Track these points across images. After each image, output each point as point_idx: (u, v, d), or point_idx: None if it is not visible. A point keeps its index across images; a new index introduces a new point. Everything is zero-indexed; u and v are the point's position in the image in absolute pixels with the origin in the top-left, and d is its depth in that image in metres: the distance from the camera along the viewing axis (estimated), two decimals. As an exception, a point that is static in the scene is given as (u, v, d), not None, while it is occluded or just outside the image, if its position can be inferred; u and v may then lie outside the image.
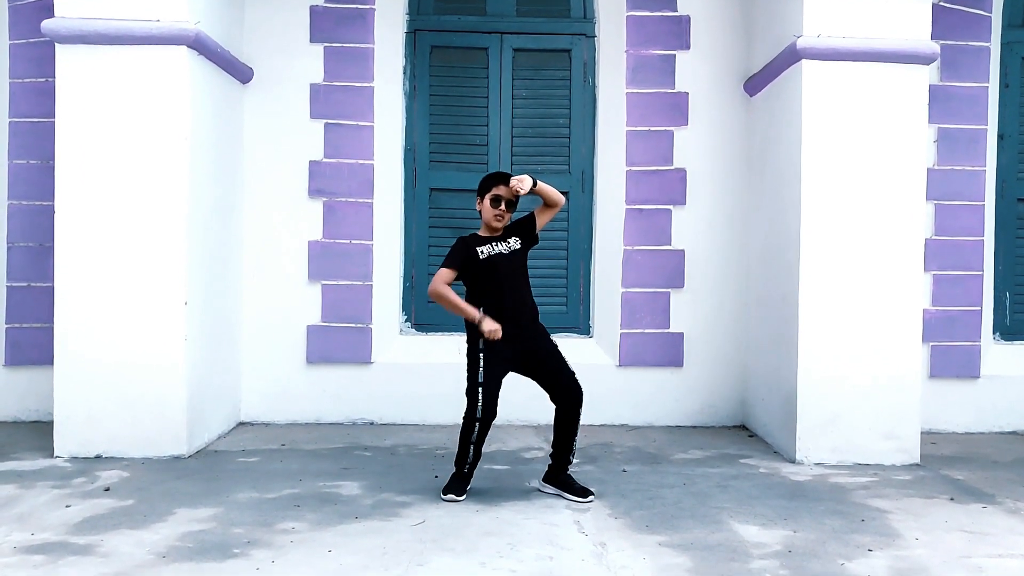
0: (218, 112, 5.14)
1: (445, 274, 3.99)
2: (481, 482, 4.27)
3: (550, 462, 4.14)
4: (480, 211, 4.10)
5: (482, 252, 4.00)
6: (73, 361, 4.63)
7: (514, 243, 4.07)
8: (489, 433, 3.97)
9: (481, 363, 3.96)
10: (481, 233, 4.12)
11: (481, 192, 4.09)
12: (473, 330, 3.98)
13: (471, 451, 4.00)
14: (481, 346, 3.95)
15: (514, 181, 3.94)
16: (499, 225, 4.06)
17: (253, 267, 5.66)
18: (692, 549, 3.37)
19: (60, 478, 4.25)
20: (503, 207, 4.03)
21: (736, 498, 4.10)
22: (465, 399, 3.99)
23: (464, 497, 3.99)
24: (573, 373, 4.08)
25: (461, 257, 4.00)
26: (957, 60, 5.67)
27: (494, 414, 3.96)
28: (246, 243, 5.65)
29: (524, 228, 4.15)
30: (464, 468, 4.04)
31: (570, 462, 4.11)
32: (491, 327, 3.88)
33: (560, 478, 4.09)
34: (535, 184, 3.97)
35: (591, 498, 4.00)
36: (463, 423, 3.99)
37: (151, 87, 4.64)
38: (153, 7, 4.60)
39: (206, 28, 4.83)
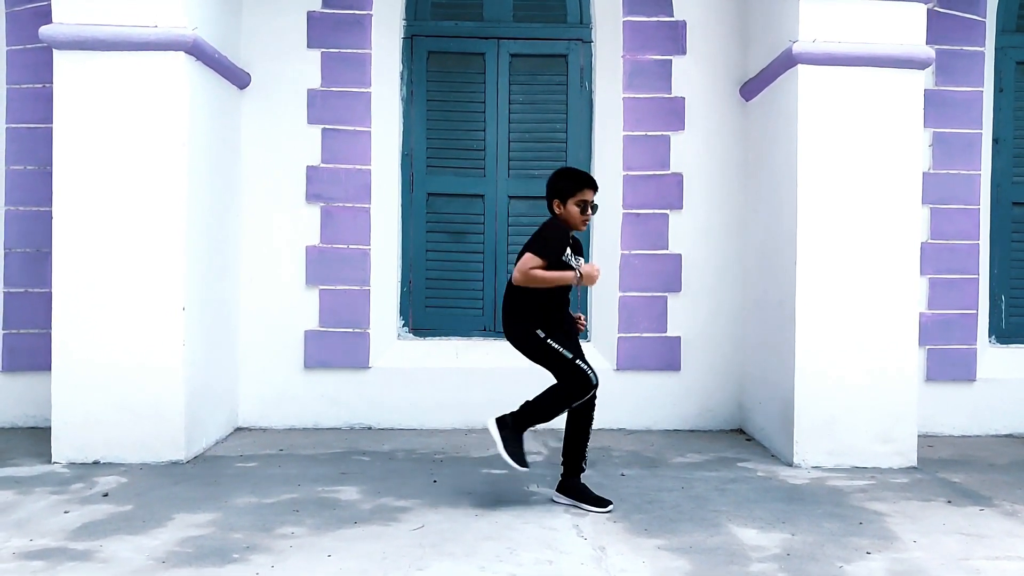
0: (216, 118, 5.15)
1: (539, 263, 3.79)
2: (480, 486, 4.28)
3: (562, 470, 4.05)
4: (560, 212, 3.93)
5: (568, 254, 3.91)
6: (71, 366, 4.63)
7: (581, 263, 3.97)
8: (486, 437, 3.97)
9: (555, 344, 3.85)
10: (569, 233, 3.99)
11: (563, 194, 3.91)
12: (524, 326, 3.88)
13: (590, 432, 3.95)
14: (542, 334, 3.86)
15: (595, 271, 3.86)
16: (584, 228, 4.02)
17: (251, 272, 5.66)
18: (691, 553, 3.38)
19: (58, 484, 4.25)
20: (590, 212, 3.94)
21: (734, 501, 4.11)
22: (563, 390, 3.87)
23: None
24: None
25: (557, 253, 3.83)
26: (952, 65, 5.70)
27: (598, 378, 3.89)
28: (244, 248, 5.65)
29: (580, 250, 4.11)
30: (585, 462, 4.00)
31: (583, 468, 4.03)
32: (589, 268, 3.83)
33: (576, 486, 3.99)
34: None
35: (611, 507, 3.92)
36: (574, 404, 3.86)
37: (149, 93, 4.64)
38: (151, 13, 4.61)
39: (204, 34, 4.83)
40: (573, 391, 3.84)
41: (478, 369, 5.73)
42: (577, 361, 3.84)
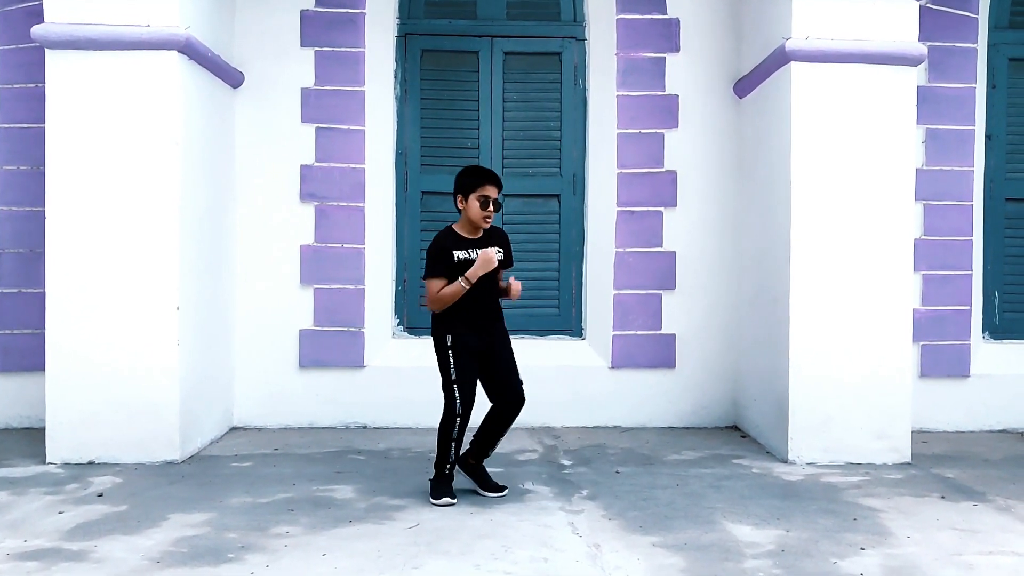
0: (209, 117, 5.14)
1: (437, 285, 3.89)
2: (474, 484, 4.28)
3: (468, 448, 4.15)
4: (462, 209, 3.99)
5: (458, 256, 3.92)
6: (65, 367, 4.62)
7: (495, 254, 3.93)
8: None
9: (451, 359, 3.93)
10: (459, 231, 4.00)
11: (464, 189, 3.96)
12: (439, 328, 3.98)
13: (452, 449, 3.96)
14: (449, 343, 3.94)
15: (486, 257, 3.87)
16: (487, 226, 4.01)
17: (245, 271, 5.65)
18: (686, 549, 3.38)
19: (53, 484, 4.24)
20: (491, 208, 3.95)
21: (729, 498, 4.12)
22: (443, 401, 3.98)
23: (456, 500, 3.99)
24: (521, 381, 4.09)
25: (444, 265, 3.91)
26: (944, 61, 5.71)
27: (471, 407, 3.95)
28: (238, 247, 5.65)
29: (505, 245, 4.10)
30: (446, 469, 4.01)
31: (488, 455, 4.16)
32: (481, 259, 3.85)
33: (477, 469, 4.14)
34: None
35: (504, 492, 4.09)
36: (442, 422, 3.95)
37: (142, 92, 4.63)
38: (143, 12, 4.60)
39: (196, 33, 4.82)
40: (445, 414, 3.94)
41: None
42: (455, 385, 3.91)
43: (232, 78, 5.44)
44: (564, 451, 5.10)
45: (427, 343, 5.77)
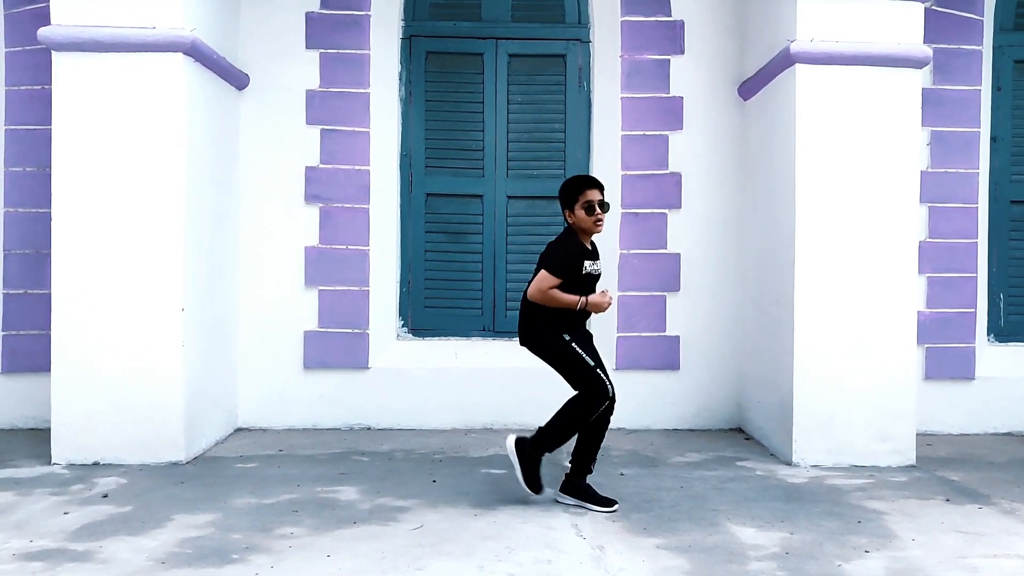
0: (214, 118, 5.15)
1: (554, 282, 3.79)
2: (479, 486, 4.28)
3: (568, 470, 4.04)
4: (571, 220, 3.92)
5: (586, 267, 3.88)
6: (70, 368, 4.63)
7: (600, 266, 3.99)
8: (486, 436, 3.98)
9: (579, 350, 3.84)
10: (584, 241, 3.95)
11: (569, 203, 3.91)
12: (551, 330, 3.86)
13: (602, 438, 3.95)
14: (567, 338, 3.85)
15: (605, 302, 3.84)
16: (599, 231, 3.94)
17: (250, 273, 5.67)
18: (690, 551, 3.38)
19: (58, 485, 4.25)
20: (599, 211, 3.89)
21: (733, 500, 4.12)
22: (580, 397, 3.88)
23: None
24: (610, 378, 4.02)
25: (572, 271, 3.83)
26: (949, 63, 5.71)
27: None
28: (242, 249, 5.66)
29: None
30: (592, 466, 3.98)
31: (590, 470, 4.01)
32: (599, 299, 3.82)
33: (583, 487, 3.98)
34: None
35: (616, 508, 3.92)
36: (583, 415, 3.82)
37: (147, 94, 4.64)
38: (149, 14, 4.61)
39: (202, 35, 4.84)
40: (591, 401, 3.82)
41: (477, 369, 5.74)
42: (597, 370, 3.85)
43: (237, 80, 5.45)
44: (568, 453, 5.08)
45: (431, 345, 5.84)
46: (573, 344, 3.85)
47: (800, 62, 4.81)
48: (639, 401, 5.81)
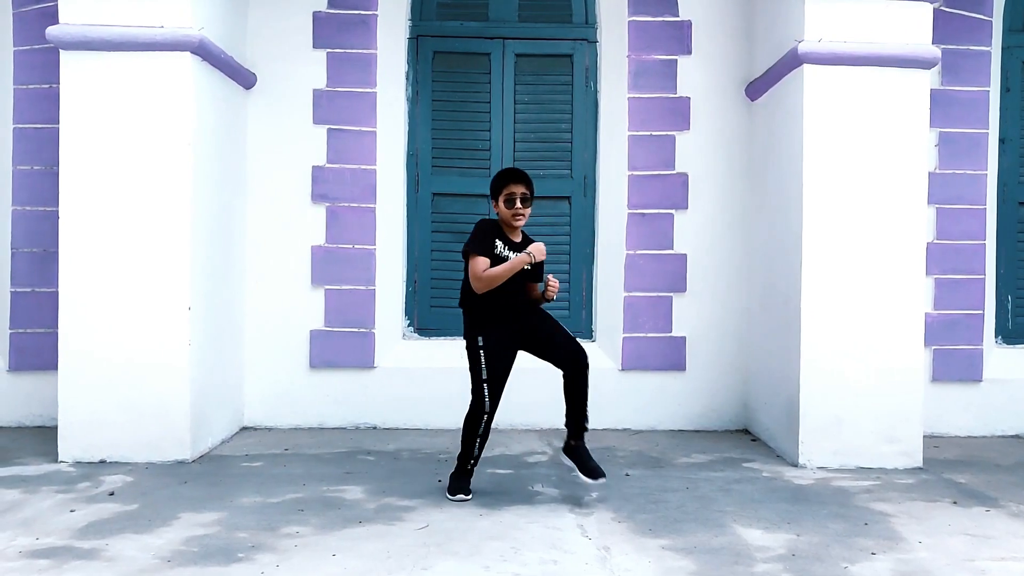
0: (221, 117, 5.16)
1: (482, 262, 3.89)
2: (485, 486, 4.28)
3: (566, 430, 4.11)
4: (498, 213, 4.06)
5: (499, 247, 3.96)
6: (77, 366, 4.64)
7: (510, 253, 3.99)
8: (492, 437, 4.00)
9: (483, 360, 3.97)
10: (507, 232, 4.05)
11: (494, 194, 4.04)
12: (470, 330, 4.02)
13: (476, 446, 4.02)
14: (480, 343, 3.97)
15: (537, 254, 3.94)
16: (518, 224, 4.02)
17: (256, 272, 5.67)
18: (696, 553, 3.38)
19: (64, 483, 4.27)
20: (519, 204, 3.98)
21: (739, 502, 4.11)
22: (470, 399, 4.03)
23: (471, 496, 4.02)
24: (573, 337, 4.06)
25: (485, 247, 3.92)
26: (958, 64, 5.69)
27: (497, 406, 4.01)
28: (249, 248, 5.67)
29: (539, 263, 4.07)
30: (468, 465, 4.07)
31: (585, 428, 4.08)
32: (536, 246, 3.94)
33: (575, 449, 4.06)
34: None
35: (601, 480, 3.99)
36: (468, 419, 4.01)
37: (155, 93, 4.65)
38: (157, 14, 4.62)
39: (209, 34, 4.85)
40: (472, 411, 4.00)
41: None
42: (484, 383, 3.96)
43: (245, 79, 5.46)
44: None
45: (437, 344, 5.85)
46: (481, 352, 3.97)
47: (808, 62, 4.79)
48: (645, 402, 5.81)
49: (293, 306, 5.69)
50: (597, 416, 5.72)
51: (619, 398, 5.78)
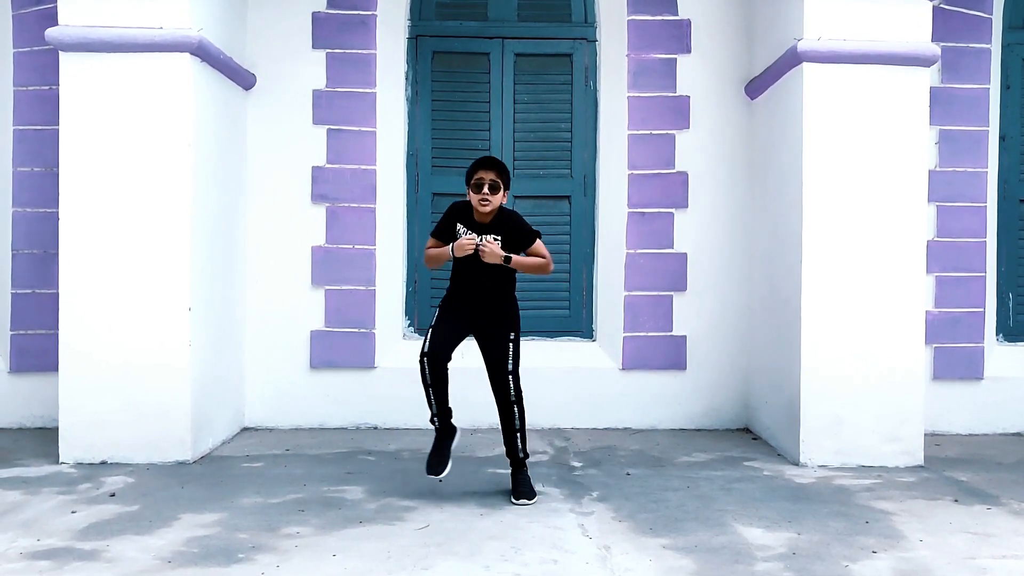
0: (221, 118, 5.16)
1: (430, 241, 4.21)
2: (485, 486, 4.28)
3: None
4: (469, 199, 4.11)
5: (460, 229, 4.08)
6: (78, 367, 4.64)
7: (470, 240, 3.99)
8: (492, 437, 3.98)
9: (436, 316, 4.11)
10: (476, 216, 4.10)
11: (466, 179, 4.10)
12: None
13: (428, 396, 4.05)
14: (439, 306, 4.16)
15: (464, 242, 3.97)
16: (484, 210, 4.02)
17: (256, 272, 5.67)
18: (696, 552, 3.37)
19: (65, 484, 4.27)
20: (486, 191, 3.99)
21: (740, 501, 4.10)
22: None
23: (441, 477, 4.03)
24: (507, 369, 4.09)
25: (442, 228, 4.16)
26: (958, 62, 5.68)
27: (439, 357, 4.00)
28: (249, 249, 5.67)
29: (509, 233, 4.06)
30: (432, 419, 4.09)
31: (519, 458, 4.09)
32: (461, 241, 3.97)
33: (512, 472, 4.12)
34: (507, 260, 3.98)
35: (523, 502, 3.99)
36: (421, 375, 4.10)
37: (154, 94, 4.66)
38: (156, 15, 4.62)
39: (209, 35, 4.85)
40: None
41: (482, 368, 5.71)
42: (429, 329, 4.08)
43: (244, 80, 5.46)
44: (574, 453, 5.10)
45: (437, 344, 5.84)
46: (438, 311, 4.15)
47: (807, 60, 4.79)
48: (645, 401, 5.80)
49: (293, 306, 5.69)
50: (597, 416, 5.75)
51: (620, 397, 5.78)
